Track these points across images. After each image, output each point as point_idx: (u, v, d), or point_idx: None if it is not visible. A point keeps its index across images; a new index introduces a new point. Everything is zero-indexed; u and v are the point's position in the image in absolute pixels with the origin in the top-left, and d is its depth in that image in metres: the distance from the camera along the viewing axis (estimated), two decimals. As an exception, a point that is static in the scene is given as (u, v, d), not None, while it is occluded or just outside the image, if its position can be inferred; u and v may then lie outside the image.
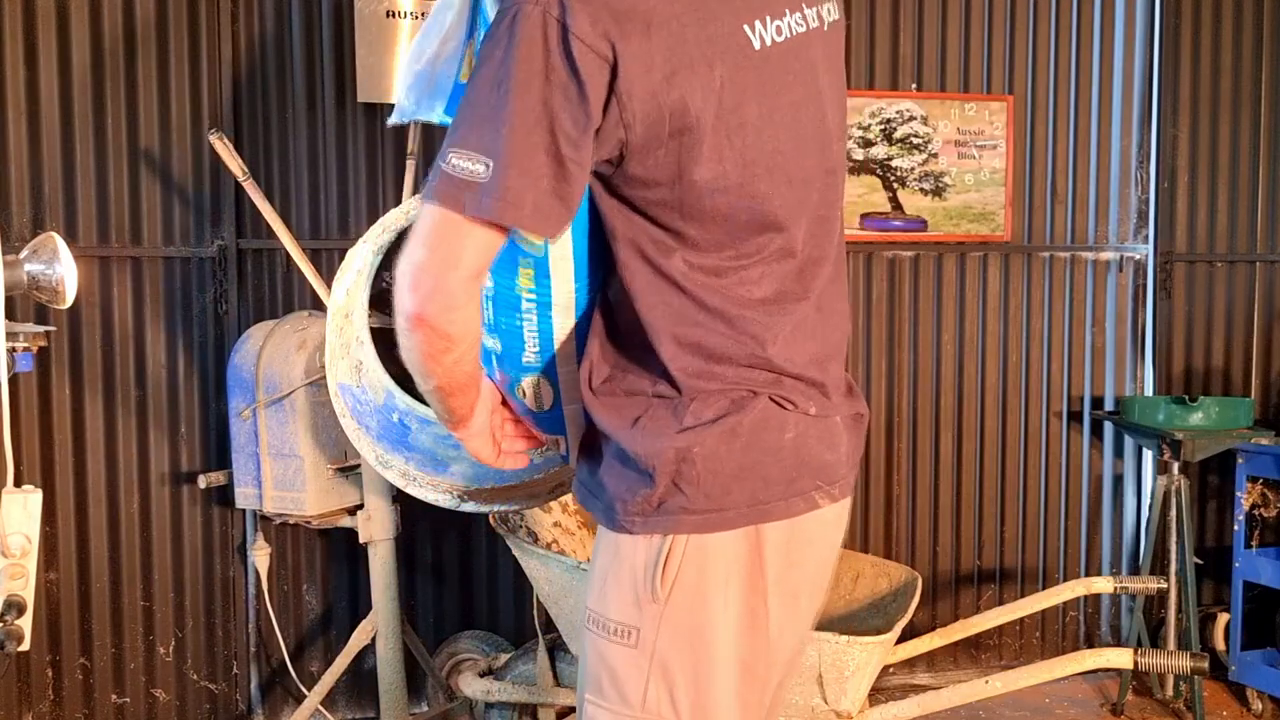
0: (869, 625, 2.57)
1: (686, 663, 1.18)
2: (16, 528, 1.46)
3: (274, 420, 2.54)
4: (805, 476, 1.20)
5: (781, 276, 1.20)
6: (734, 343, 1.17)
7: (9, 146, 2.84)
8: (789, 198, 1.18)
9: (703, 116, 1.09)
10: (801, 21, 1.18)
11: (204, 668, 3.04)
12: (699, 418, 1.17)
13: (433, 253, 1.07)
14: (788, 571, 1.21)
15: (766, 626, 1.21)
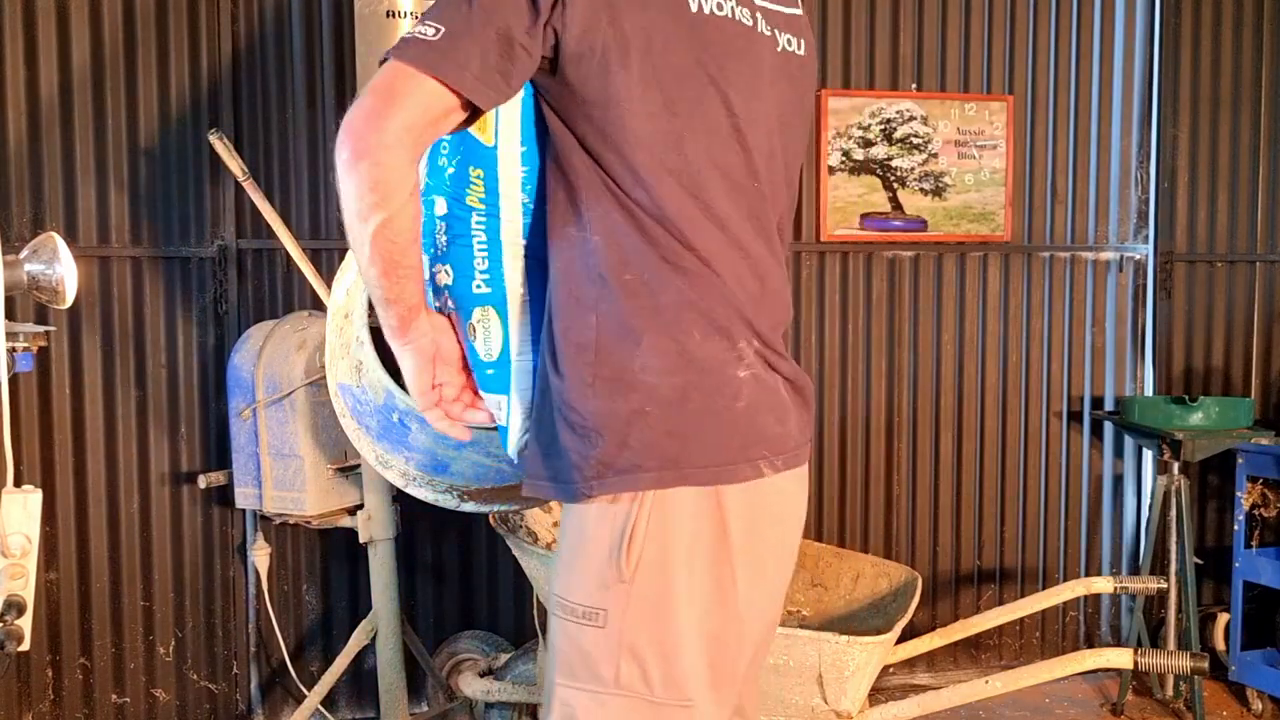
0: (869, 625, 2.57)
1: (655, 638, 1.21)
2: (16, 528, 1.46)
3: (274, 420, 2.54)
4: (755, 443, 1.24)
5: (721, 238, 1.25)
6: (687, 301, 1.23)
7: (9, 146, 2.84)
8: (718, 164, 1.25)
9: (631, 45, 1.18)
10: (749, 16, 1.28)
11: (204, 668, 3.04)
12: (651, 377, 1.20)
13: (376, 96, 1.14)
14: (751, 539, 1.24)
15: (735, 595, 1.24)
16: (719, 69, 1.24)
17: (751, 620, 1.27)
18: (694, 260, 1.23)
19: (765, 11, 1.32)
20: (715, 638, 1.23)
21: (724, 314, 1.24)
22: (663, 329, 1.21)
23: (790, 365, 1.33)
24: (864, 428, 3.39)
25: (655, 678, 1.21)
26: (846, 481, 3.40)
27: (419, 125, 1.15)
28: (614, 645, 1.21)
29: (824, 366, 3.35)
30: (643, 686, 1.21)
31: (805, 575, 2.77)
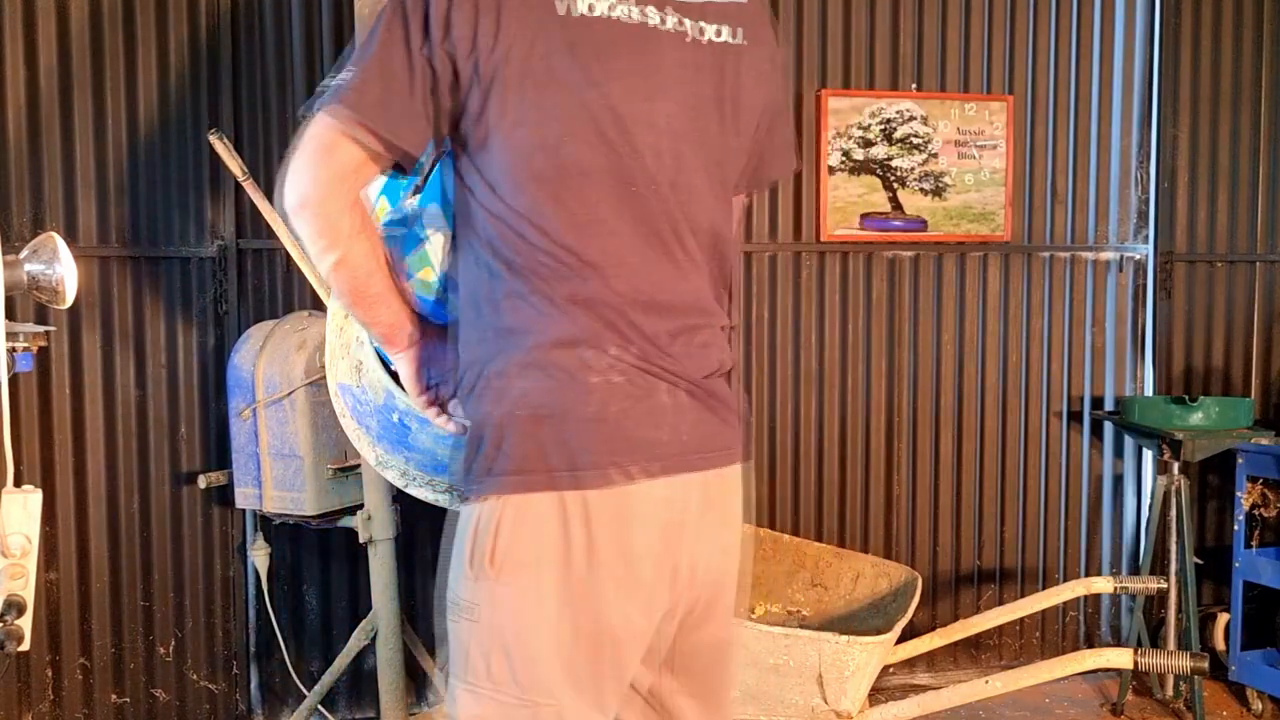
0: (869, 625, 2.57)
1: (519, 636, 1.23)
2: (16, 528, 1.46)
3: (274, 420, 2.54)
4: (623, 449, 1.23)
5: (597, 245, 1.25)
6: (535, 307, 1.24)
7: (9, 146, 2.83)
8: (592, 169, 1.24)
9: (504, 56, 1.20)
10: (639, 13, 1.26)
11: (204, 668, 3.04)
12: (512, 379, 1.24)
13: (305, 149, 1.23)
14: (619, 545, 1.24)
15: (601, 601, 1.24)
16: (592, 72, 1.22)
17: (622, 627, 1.26)
18: (562, 268, 1.24)
19: (676, 4, 1.29)
20: (580, 641, 1.24)
21: (592, 321, 1.24)
22: (530, 337, 1.24)
23: (696, 372, 1.31)
24: (864, 428, 3.39)
25: (520, 675, 1.23)
26: (846, 481, 3.40)
27: (347, 173, 1.24)
28: (485, 640, 1.25)
29: (824, 366, 3.35)
30: (510, 683, 1.24)
31: (805, 575, 2.77)
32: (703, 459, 1.30)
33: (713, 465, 1.32)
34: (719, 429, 1.33)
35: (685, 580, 1.31)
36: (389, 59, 1.22)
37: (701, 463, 1.30)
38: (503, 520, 1.23)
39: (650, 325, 1.27)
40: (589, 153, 1.24)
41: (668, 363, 1.28)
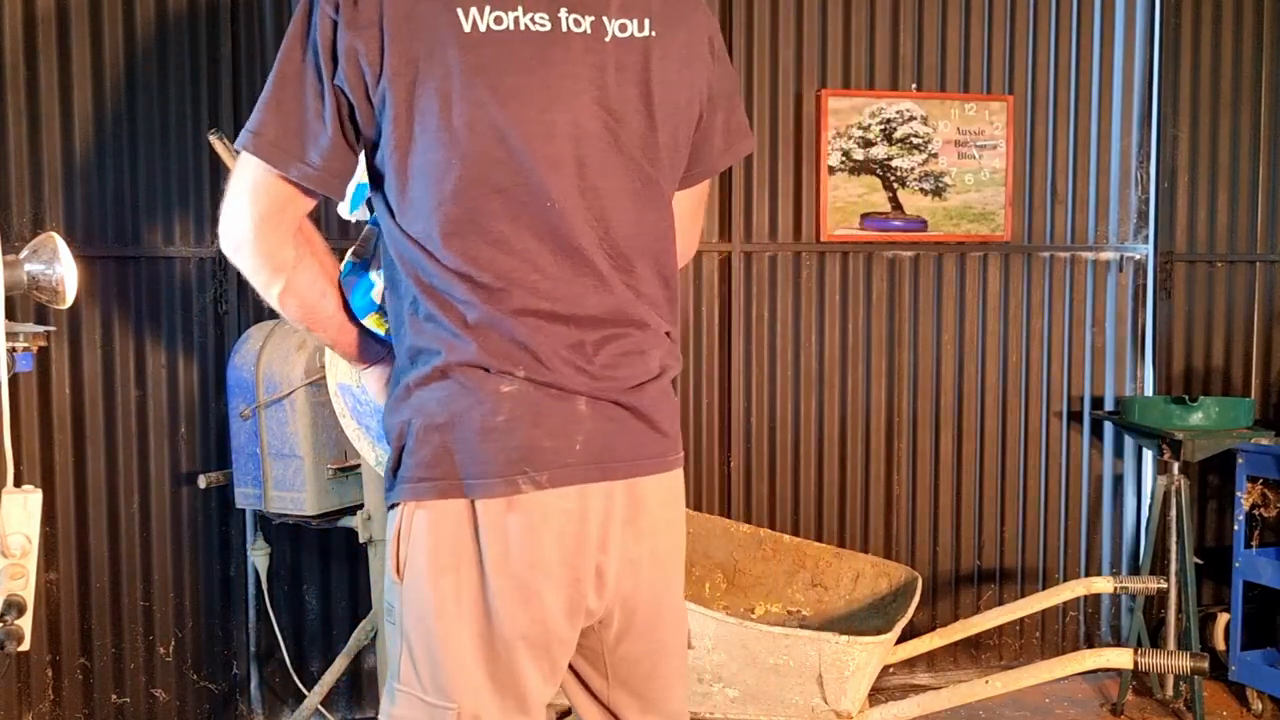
0: (869, 625, 2.57)
1: (422, 640, 1.26)
2: (16, 528, 1.46)
3: (274, 420, 2.54)
4: (519, 459, 1.23)
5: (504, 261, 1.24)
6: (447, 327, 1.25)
7: (9, 146, 2.84)
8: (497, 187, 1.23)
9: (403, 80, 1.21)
10: (548, 20, 1.24)
11: (204, 668, 3.04)
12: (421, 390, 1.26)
13: (232, 191, 1.26)
14: (510, 554, 1.24)
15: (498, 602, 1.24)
16: (490, 90, 1.21)
17: (531, 632, 1.26)
18: (471, 290, 1.23)
19: (579, 4, 1.26)
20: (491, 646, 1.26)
21: (502, 341, 1.24)
22: (431, 350, 1.26)
23: (622, 382, 1.29)
24: (864, 428, 3.39)
25: (425, 676, 1.26)
26: (846, 481, 3.40)
27: (273, 213, 1.26)
28: (399, 641, 1.29)
29: (824, 366, 3.35)
30: (416, 684, 1.27)
31: (805, 575, 2.77)
32: (623, 468, 1.29)
33: (633, 474, 1.30)
34: (642, 438, 1.31)
35: (604, 589, 1.30)
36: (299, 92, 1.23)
37: (620, 471, 1.29)
38: (410, 526, 1.26)
39: (565, 340, 1.26)
40: (488, 172, 1.23)
41: (584, 376, 1.27)
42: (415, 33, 1.20)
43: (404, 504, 1.27)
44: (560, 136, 1.24)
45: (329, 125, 1.23)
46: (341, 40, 1.20)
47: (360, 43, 1.20)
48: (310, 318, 1.36)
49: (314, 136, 1.23)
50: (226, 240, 1.28)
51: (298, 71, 1.23)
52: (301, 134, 1.23)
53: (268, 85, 1.25)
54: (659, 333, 1.35)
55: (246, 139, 1.23)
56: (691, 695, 2.29)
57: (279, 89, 1.24)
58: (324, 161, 1.24)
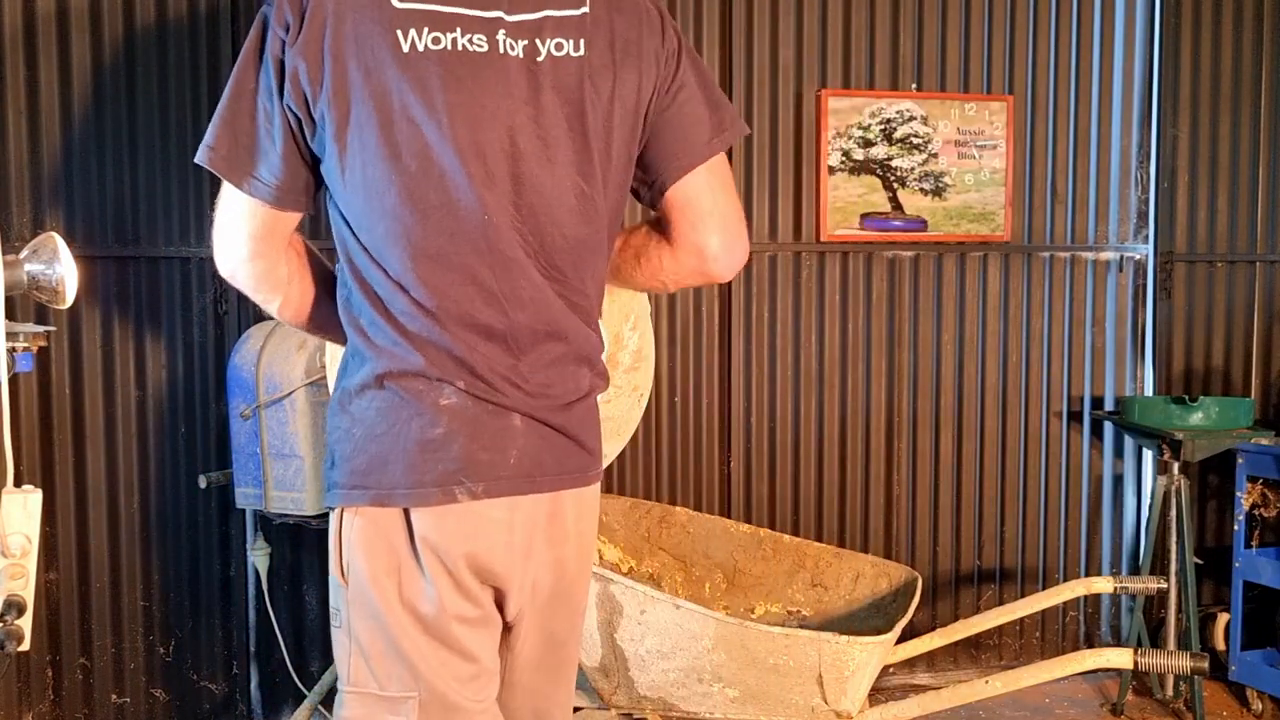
0: (869, 625, 2.57)
1: (375, 633, 1.31)
2: (16, 528, 1.46)
3: (274, 420, 2.54)
4: (454, 470, 1.27)
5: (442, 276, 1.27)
6: (390, 325, 1.28)
7: (9, 146, 2.84)
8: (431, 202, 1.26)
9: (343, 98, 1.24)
10: (481, 42, 1.27)
11: (204, 668, 3.04)
12: (360, 399, 1.30)
13: (220, 213, 1.36)
14: (444, 560, 1.28)
15: (429, 598, 1.29)
16: (427, 108, 1.24)
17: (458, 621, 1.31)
18: (410, 303, 1.27)
19: (517, 27, 1.29)
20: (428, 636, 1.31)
21: (439, 354, 1.27)
22: (373, 358, 1.29)
23: (553, 399, 1.33)
24: (864, 428, 3.39)
25: (381, 673, 1.32)
26: (846, 481, 3.40)
27: (269, 229, 1.33)
28: (348, 643, 1.34)
29: (824, 366, 3.35)
30: (373, 683, 1.33)
31: (805, 575, 2.77)
32: (549, 481, 1.34)
33: (558, 488, 1.36)
34: (568, 454, 1.36)
35: (525, 595, 1.36)
36: (251, 108, 1.28)
37: (547, 484, 1.34)
38: (349, 532, 1.30)
39: (501, 358, 1.30)
40: (425, 188, 1.26)
41: (520, 393, 1.31)
42: (356, 54, 1.24)
43: (342, 509, 1.31)
44: (494, 154, 1.27)
45: (278, 143, 1.28)
46: (288, 61, 1.24)
47: (303, 62, 1.24)
48: (308, 323, 1.45)
49: (264, 153, 1.28)
50: (222, 266, 1.36)
51: (250, 89, 1.28)
52: (252, 150, 1.28)
53: (223, 100, 1.30)
54: (591, 347, 1.39)
55: (202, 152, 1.30)
56: (691, 695, 2.29)
57: (233, 103, 1.29)
58: (275, 179, 1.28)
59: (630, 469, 3.25)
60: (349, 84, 1.24)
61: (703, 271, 1.45)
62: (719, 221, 1.43)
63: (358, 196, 1.27)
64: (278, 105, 1.26)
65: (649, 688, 2.33)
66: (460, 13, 1.27)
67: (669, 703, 2.33)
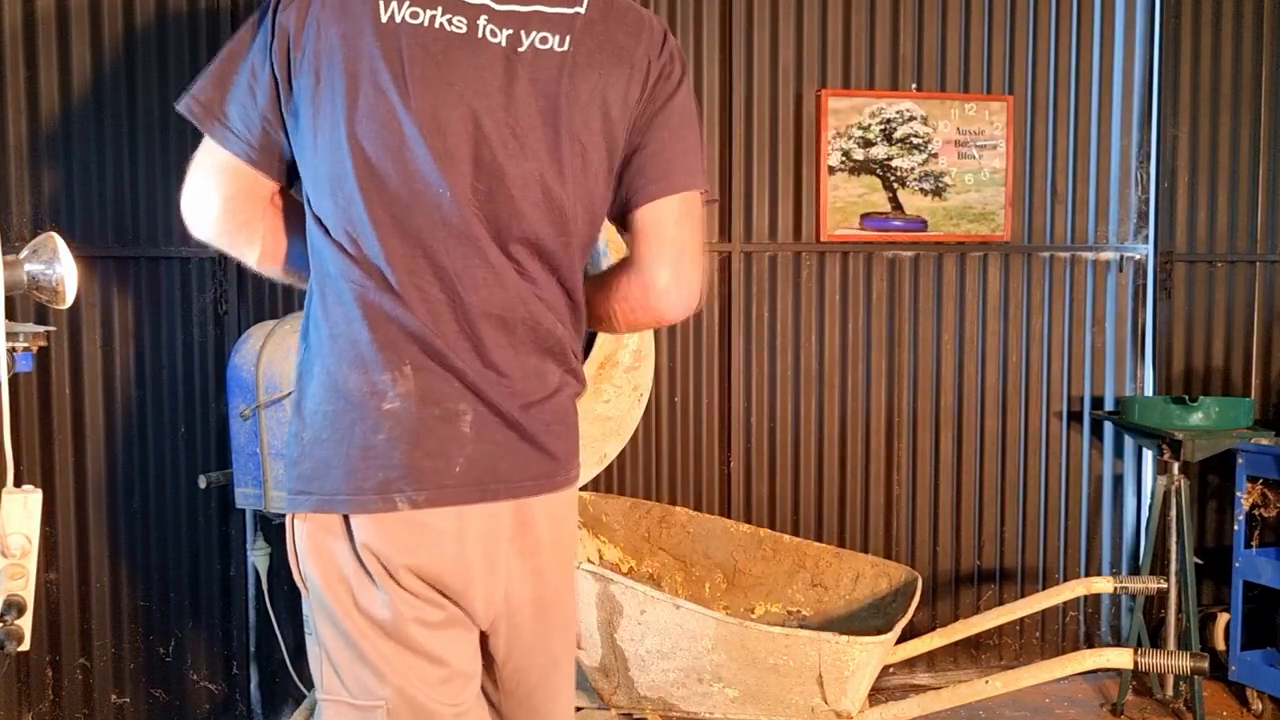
0: (869, 625, 2.57)
1: (338, 640, 1.28)
2: (16, 528, 1.46)
3: (274, 420, 2.54)
4: (396, 478, 1.23)
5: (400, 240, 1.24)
6: (341, 315, 1.26)
7: (9, 146, 2.84)
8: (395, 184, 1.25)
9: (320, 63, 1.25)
10: (460, 23, 1.27)
11: (204, 668, 3.04)
12: (309, 401, 1.28)
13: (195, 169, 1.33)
14: (384, 565, 1.25)
15: (382, 604, 1.26)
16: (400, 80, 1.24)
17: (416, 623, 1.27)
18: (359, 289, 1.24)
19: (503, 17, 1.29)
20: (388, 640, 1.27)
21: (381, 341, 1.24)
22: (324, 360, 1.26)
23: (515, 399, 1.29)
24: (864, 428, 3.39)
25: (350, 681, 1.28)
26: (846, 481, 3.40)
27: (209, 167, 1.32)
28: (317, 651, 1.31)
29: (824, 366, 3.35)
30: (344, 691, 1.29)
31: (805, 575, 2.77)
32: (505, 489, 1.29)
33: (517, 495, 1.30)
34: (528, 460, 1.30)
35: (491, 604, 1.32)
36: (227, 64, 1.30)
37: (503, 493, 1.29)
38: (296, 538, 1.29)
39: (452, 334, 1.25)
40: (384, 157, 1.24)
41: (470, 372, 1.26)
42: (338, 20, 1.26)
43: (293, 515, 1.29)
44: (455, 133, 1.24)
45: (260, 101, 1.28)
46: (279, 21, 1.27)
47: (291, 24, 1.26)
48: (286, 269, 1.42)
49: (244, 109, 1.29)
50: (195, 222, 1.33)
51: (244, 49, 1.30)
52: (234, 104, 1.29)
53: (216, 57, 1.32)
54: (556, 340, 1.33)
55: (184, 100, 1.31)
56: (691, 695, 2.29)
57: (225, 61, 1.31)
58: (251, 135, 1.29)
59: (630, 469, 3.25)
60: (328, 48, 1.25)
61: (647, 306, 1.38)
62: (675, 255, 1.37)
63: (321, 160, 1.26)
64: (265, 64, 1.28)
65: (649, 688, 2.33)
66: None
67: (669, 703, 2.33)
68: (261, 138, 1.29)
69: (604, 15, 1.34)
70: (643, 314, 1.41)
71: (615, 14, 1.35)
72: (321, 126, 1.25)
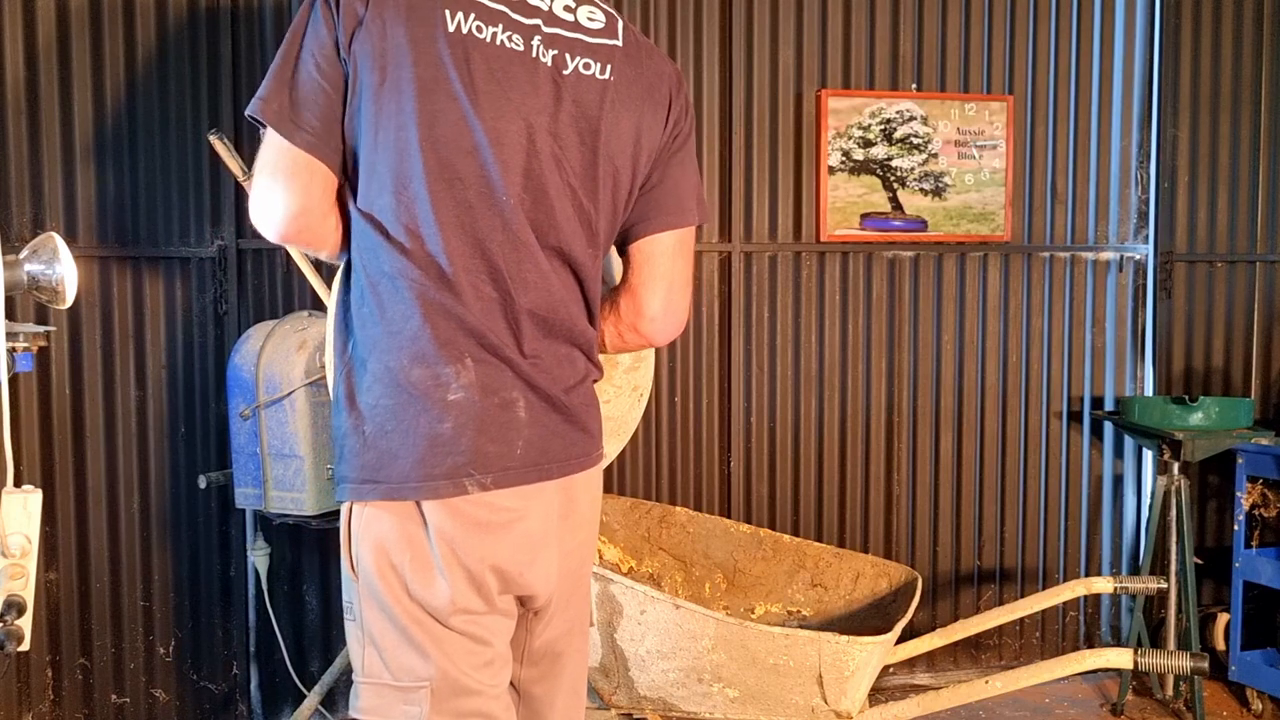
0: (869, 625, 2.57)
1: (386, 624, 1.33)
2: (16, 528, 1.46)
3: (274, 420, 2.54)
4: (464, 463, 1.30)
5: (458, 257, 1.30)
6: (399, 313, 1.30)
7: (9, 146, 2.84)
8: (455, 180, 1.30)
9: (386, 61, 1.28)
10: (521, 43, 1.35)
11: (204, 668, 3.04)
12: (368, 395, 1.32)
13: (269, 170, 1.32)
14: (457, 550, 1.31)
15: (441, 589, 1.32)
16: (465, 86, 1.29)
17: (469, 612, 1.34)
18: (419, 287, 1.30)
19: (551, 39, 1.37)
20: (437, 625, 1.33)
21: (442, 337, 1.30)
22: (381, 355, 1.31)
23: (558, 384, 1.37)
24: (864, 428, 3.39)
25: (394, 664, 1.33)
26: (846, 481, 3.40)
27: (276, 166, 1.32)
28: (360, 635, 1.36)
29: (824, 366, 3.35)
30: (386, 674, 1.34)
31: (805, 575, 2.77)
32: (559, 467, 1.38)
33: (568, 472, 1.40)
34: (573, 439, 1.40)
35: (549, 579, 1.40)
36: (285, 64, 1.32)
37: (555, 471, 1.38)
38: (360, 526, 1.34)
39: (503, 330, 1.33)
40: (455, 159, 1.30)
41: (522, 363, 1.34)
42: (406, 22, 1.29)
43: (352, 504, 1.34)
44: (511, 145, 1.32)
45: (328, 101, 1.31)
46: (343, 8, 1.29)
47: (359, 12, 1.29)
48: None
49: (315, 108, 1.31)
50: (270, 226, 1.34)
51: (309, 49, 1.32)
52: (305, 105, 1.30)
53: (278, 58, 1.33)
54: (587, 340, 1.43)
55: (254, 104, 1.31)
56: (691, 695, 2.29)
57: (287, 62, 1.32)
58: (323, 132, 1.31)
59: (630, 469, 3.25)
60: (394, 47, 1.28)
61: (638, 330, 1.51)
62: (666, 287, 1.50)
63: (386, 159, 1.29)
64: (334, 59, 1.30)
65: (649, 688, 2.33)
66: (504, 11, 1.35)
67: (669, 703, 2.33)
68: (331, 135, 1.32)
69: (635, 51, 1.44)
70: (632, 336, 1.53)
71: (644, 52, 1.46)
72: (384, 125, 1.29)
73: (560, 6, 1.40)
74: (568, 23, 1.39)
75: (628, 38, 1.44)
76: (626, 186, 1.44)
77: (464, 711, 1.34)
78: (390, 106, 1.29)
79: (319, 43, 1.30)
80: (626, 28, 1.46)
